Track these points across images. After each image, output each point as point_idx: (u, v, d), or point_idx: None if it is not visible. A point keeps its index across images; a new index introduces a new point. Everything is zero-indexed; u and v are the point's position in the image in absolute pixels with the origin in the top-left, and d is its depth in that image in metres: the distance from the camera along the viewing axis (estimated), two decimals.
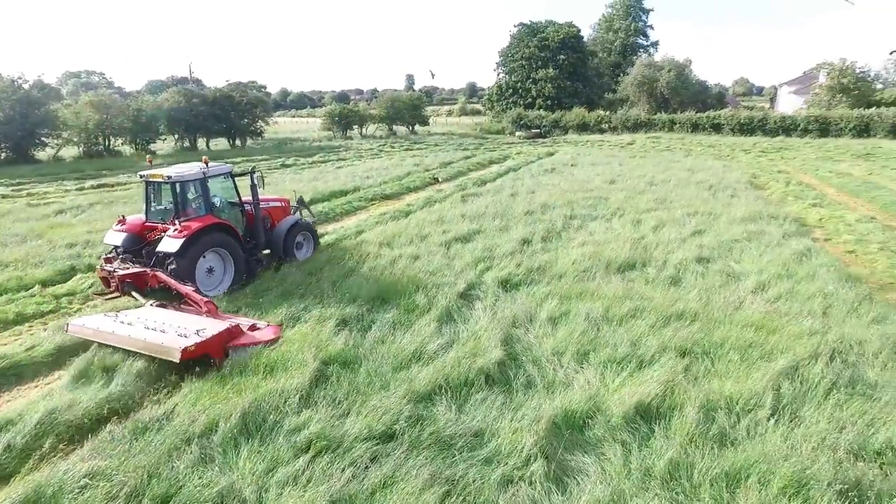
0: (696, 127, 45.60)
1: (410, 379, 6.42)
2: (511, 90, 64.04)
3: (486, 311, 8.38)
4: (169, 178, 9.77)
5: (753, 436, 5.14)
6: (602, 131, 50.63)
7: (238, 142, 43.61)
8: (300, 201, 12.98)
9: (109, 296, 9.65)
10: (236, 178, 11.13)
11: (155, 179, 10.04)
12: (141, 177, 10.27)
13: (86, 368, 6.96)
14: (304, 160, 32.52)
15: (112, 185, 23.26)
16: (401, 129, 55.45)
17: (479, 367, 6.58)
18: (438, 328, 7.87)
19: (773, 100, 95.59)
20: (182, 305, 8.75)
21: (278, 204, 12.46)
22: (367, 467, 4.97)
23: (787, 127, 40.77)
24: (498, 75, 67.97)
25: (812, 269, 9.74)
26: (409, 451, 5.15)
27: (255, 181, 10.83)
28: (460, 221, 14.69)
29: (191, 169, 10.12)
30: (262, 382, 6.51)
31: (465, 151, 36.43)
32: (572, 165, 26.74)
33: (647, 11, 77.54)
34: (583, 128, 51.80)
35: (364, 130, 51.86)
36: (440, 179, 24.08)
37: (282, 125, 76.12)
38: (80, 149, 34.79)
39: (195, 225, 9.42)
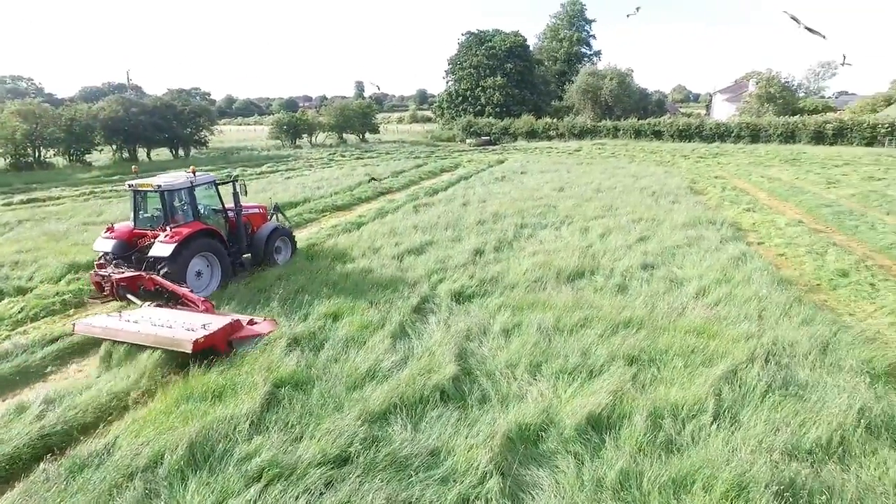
0: (638, 133, 47.39)
1: (365, 399, 6.35)
2: (461, 98, 64.71)
3: (440, 325, 8.40)
4: (158, 187, 10.12)
5: (697, 441, 5.36)
6: (550, 138, 51.85)
7: (182, 152, 42.07)
8: (276, 208, 13.59)
9: (103, 300, 9.95)
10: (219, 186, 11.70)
11: (143, 189, 10.42)
12: (129, 186, 10.48)
13: None
14: (252, 170, 31.72)
15: (44, 200, 21.96)
16: (351, 138, 55.01)
17: (433, 384, 6.58)
18: (392, 344, 7.82)
19: (708, 106, 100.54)
20: (178, 306, 9.03)
21: (257, 210, 12.95)
22: (321, 494, 4.88)
23: (722, 133, 42.98)
24: (447, 83, 68.56)
25: (747, 274, 10.28)
26: (365, 474, 5.08)
27: (238, 189, 11.53)
28: (413, 233, 14.69)
29: (178, 178, 10.62)
30: (210, 409, 6.29)
31: (417, 160, 36.50)
32: (522, 173, 27.23)
33: (589, 21, 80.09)
34: (531, 135, 52.89)
35: (313, 139, 51.15)
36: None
37: (228, 134, 74.01)
38: (6, 161, 32.67)
39: (185, 231, 9.88)
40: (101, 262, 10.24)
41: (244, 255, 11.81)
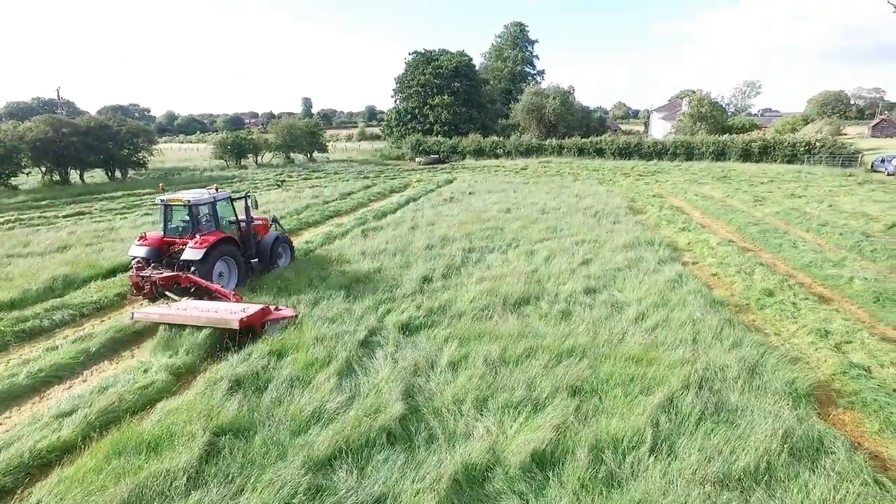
0: (581, 151, 49.01)
1: (309, 444, 6.23)
2: (409, 116, 65.17)
3: (387, 360, 8.35)
4: (188, 202, 12.07)
5: (637, 474, 5.53)
6: (497, 156, 52.84)
7: (118, 174, 40.24)
8: (274, 220, 15.59)
9: (142, 298, 11.83)
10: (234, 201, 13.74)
11: (173, 203, 12.35)
12: (161, 201, 12.44)
13: None
14: None
15: None
16: (299, 157, 54.18)
17: (380, 425, 6.53)
18: (339, 383, 7.72)
19: (646, 124, 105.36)
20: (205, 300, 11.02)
21: (261, 222, 14.71)
22: None
23: (660, 151, 45.07)
24: (395, 101, 68.93)
25: (683, 296, 10.76)
26: None
27: (249, 204, 13.58)
28: (361, 260, 14.59)
29: (203, 194, 12.63)
30: (144, 464, 6.02)
31: (366, 180, 36.35)
32: (470, 194, 27.57)
33: (532, 42, 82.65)
34: (479, 153, 53.74)
35: (259, 159, 50.02)
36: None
37: (169, 153, 71.56)
38: None
39: (212, 238, 11.78)
40: (140, 265, 11.77)
41: (253, 260, 13.50)
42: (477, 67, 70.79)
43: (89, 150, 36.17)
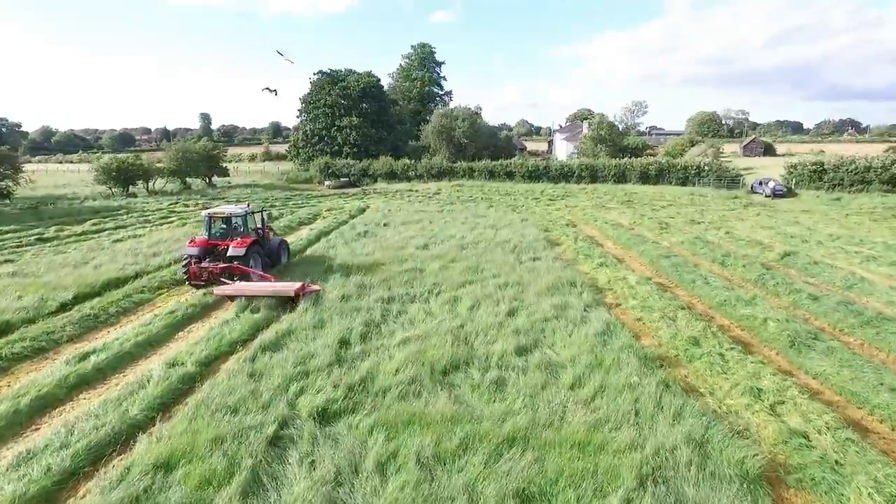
0: (492, 174, 49.62)
1: None
2: (317, 137, 63.04)
3: (302, 467, 7.09)
4: (229, 214, 17.11)
5: None
6: (409, 179, 52.26)
7: None
8: (269, 216, 19.97)
9: (199, 285, 16.08)
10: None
11: (217, 215, 17.15)
12: (206, 214, 17.18)
13: None
14: (71, 230, 27.03)
15: None
16: (197, 182, 50.22)
17: None
18: None
19: (550, 143, 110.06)
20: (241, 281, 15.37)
21: (269, 230, 19.04)
22: None
23: (566, 174, 46.66)
24: (302, 122, 66.46)
25: (616, 353, 10.38)
26: None
27: (266, 216, 18.75)
28: None
29: (238, 208, 17.37)
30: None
31: (272, 209, 34.10)
32: (385, 225, 26.50)
33: (439, 63, 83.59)
34: (391, 175, 52.87)
35: (151, 185, 45.63)
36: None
37: (42, 178, 64.00)
38: None
39: (248, 240, 16.46)
40: (193, 260, 16.16)
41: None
42: (385, 88, 70.14)
43: None
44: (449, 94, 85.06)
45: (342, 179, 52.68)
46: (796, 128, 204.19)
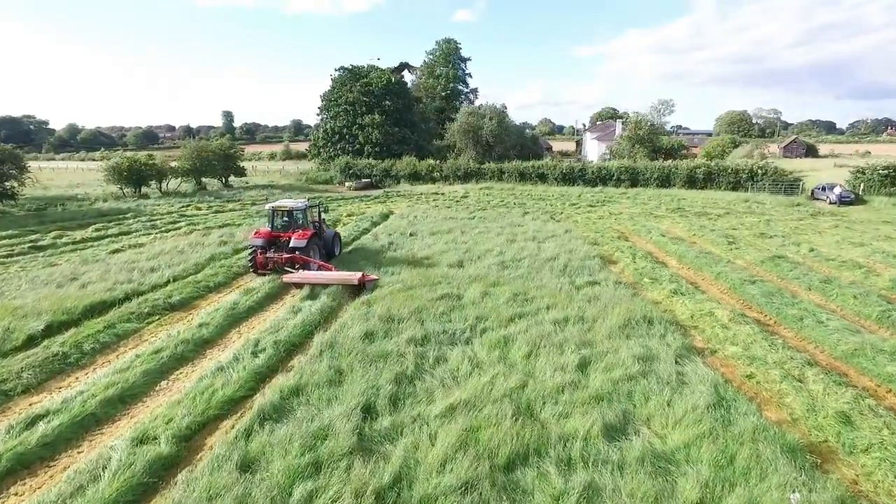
0: (523, 176, 46.51)
1: None
2: (337, 136, 60.64)
3: None
4: (291, 208, 18.33)
5: None
6: (434, 180, 49.48)
7: None
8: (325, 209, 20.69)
9: (264, 273, 17.36)
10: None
11: (279, 209, 18.44)
12: (269, 208, 18.58)
13: None
14: (71, 236, 24.80)
15: None
16: (213, 182, 48.13)
17: None
18: None
19: (578, 143, 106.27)
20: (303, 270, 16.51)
21: (324, 223, 20.07)
22: None
23: (604, 177, 43.30)
24: (322, 120, 64.14)
25: (747, 443, 7.39)
26: None
27: (321, 209, 19.76)
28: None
29: (298, 202, 18.60)
30: None
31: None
32: (411, 236, 23.70)
33: (465, 60, 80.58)
34: (415, 177, 50.15)
35: (165, 186, 43.56)
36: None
37: (62, 175, 62.91)
38: None
39: (309, 232, 17.66)
40: (259, 250, 17.32)
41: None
42: (408, 85, 67.46)
43: None
44: (475, 91, 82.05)
45: (364, 180, 50.11)
46: (829, 127, 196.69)
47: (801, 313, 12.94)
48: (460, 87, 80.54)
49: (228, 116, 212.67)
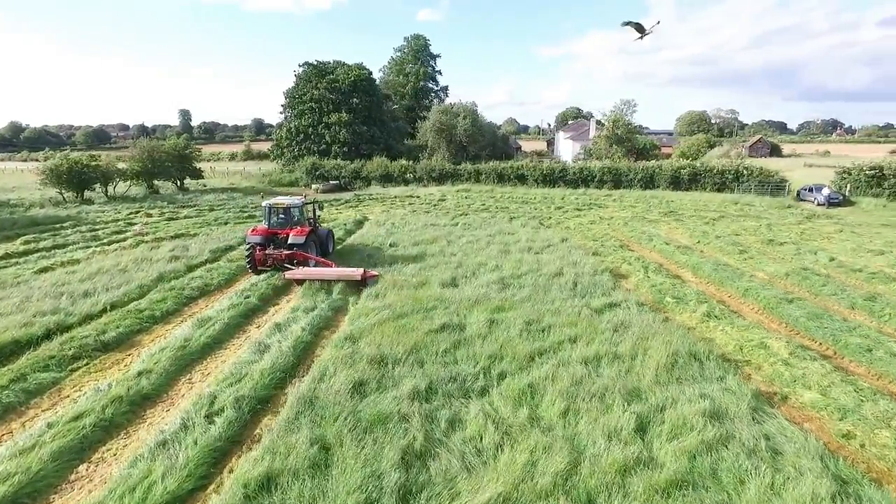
0: (501, 177, 44.40)
1: None
2: (302, 135, 57.34)
3: None
4: (288, 205, 18.31)
5: None
6: (407, 182, 46.91)
7: None
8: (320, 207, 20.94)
9: (263, 270, 17.40)
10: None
11: (277, 206, 18.41)
12: (266, 205, 18.38)
13: None
14: None
15: None
16: (168, 186, 44.25)
17: None
18: None
19: (549, 143, 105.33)
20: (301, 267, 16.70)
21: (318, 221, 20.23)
22: None
23: (586, 178, 41.57)
24: (286, 118, 60.64)
25: None
26: None
27: (316, 208, 19.87)
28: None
29: (295, 200, 18.75)
30: None
31: (251, 223, 28.54)
32: (392, 246, 21.17)
33: (434, 56, 78.21)
34: (386, 178, 47.46)
35: (112, 190, 39.55)
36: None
37: None
38: None
39: (307, 229, 17.73)
40: (256, 247, 17.27)
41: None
42: (376, 82, 64.58)
43: None
44: (445, 89, 79.69)
45: (332, 182, 47.07)
46: (781, 127, 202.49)
47: (867, 342, 11.07)
48: (430, 85, 78.13)
49: (186, 115, 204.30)
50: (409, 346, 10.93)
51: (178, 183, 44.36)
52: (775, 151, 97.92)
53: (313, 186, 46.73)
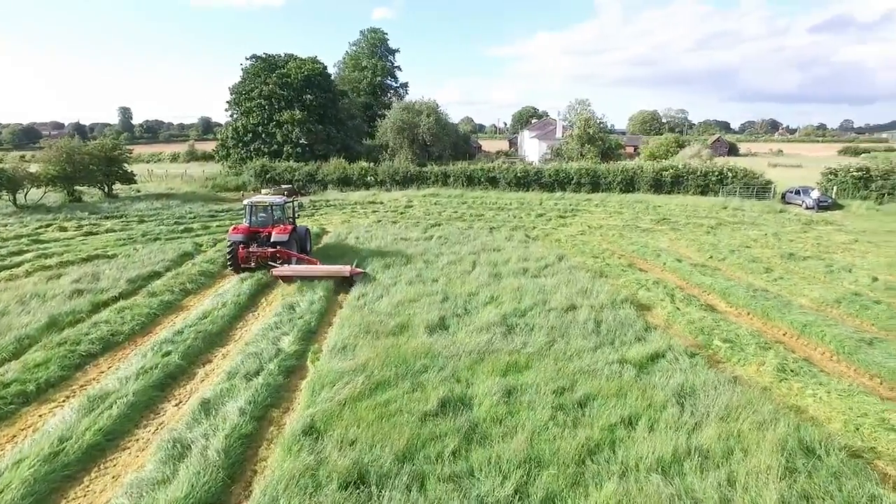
0: (470, 180, 41.10)
1: None
2: (251, 134, 52.35)
3: None
4: (269, 203, 18.27)
5: None
6: (368, 186, 42.98)
7: None
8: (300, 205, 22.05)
9: (247, 268, 17.15)
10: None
11: (258, 204, 18.41)
12: (248, 202, 18.45)
13: None
14: None
15: None
16: (94, 192, 38.72)
17: None
18: None
19: (511, 143, 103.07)
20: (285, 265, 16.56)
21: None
22: None
23: (562, 181, 38.76)
24: (232, 116, 55.46)
25: None
26: None
27: (296, 206, 20.15)
28: None
29: (276, 198, 18.76)
30: None
31: (187, 237, 24.16)
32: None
33: (393, 51, 74.34)
34: (345, 182, 43.40)
35: (23, 198, 33.96)
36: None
37: None
38: None
39: (289, 227, 17.86)
40: (239, 245, 16.96)
41: None
42: (332, 78, 60.16)
43: None
44: (405, 86, 75.84)
45: (284, 187, 42.48)
46: (725, 127, 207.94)
47: None
48: (389, 81, 74.16)
49: (126, 113, 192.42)
50: (398, 445, 7.41)
51: (106, 189, 38.96)
52: (733, 151, 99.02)
53: (263, 191, 42.09)
